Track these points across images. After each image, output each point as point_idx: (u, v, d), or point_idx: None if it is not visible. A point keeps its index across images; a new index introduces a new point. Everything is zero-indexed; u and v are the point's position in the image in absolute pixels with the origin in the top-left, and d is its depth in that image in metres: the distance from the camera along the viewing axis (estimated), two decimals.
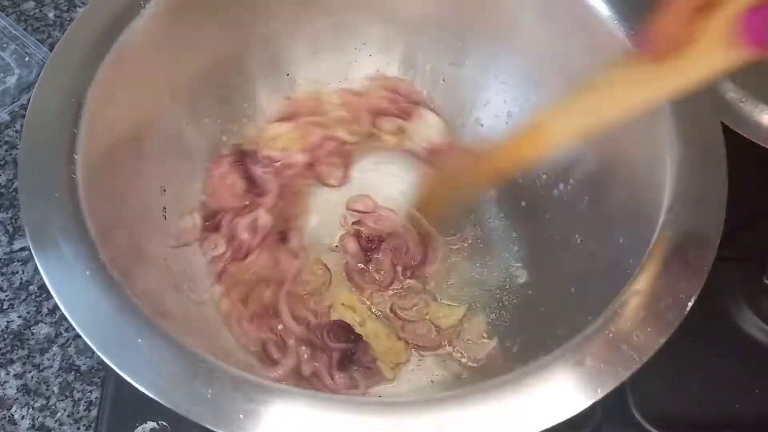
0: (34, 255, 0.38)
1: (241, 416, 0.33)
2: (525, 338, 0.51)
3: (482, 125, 0.62)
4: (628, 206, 0.47)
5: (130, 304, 0.37)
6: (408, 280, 0.56)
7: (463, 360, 0.52)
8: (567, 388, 0.34)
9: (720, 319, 0.55)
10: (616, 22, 0.48)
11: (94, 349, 0.35)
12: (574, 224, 0.53)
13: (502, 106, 0.60)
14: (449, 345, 0.53)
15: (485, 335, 0.53)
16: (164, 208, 0.51)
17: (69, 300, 0.37)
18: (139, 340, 0.35)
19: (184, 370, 0.34)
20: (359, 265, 0.56)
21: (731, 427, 0.52)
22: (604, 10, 0.49)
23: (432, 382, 0.51)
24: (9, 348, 0.55)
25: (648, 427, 0.50)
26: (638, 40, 0.34)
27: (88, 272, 0.37)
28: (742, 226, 0.57)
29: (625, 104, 0.38)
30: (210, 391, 0.33)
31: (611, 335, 0.36)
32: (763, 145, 0.52)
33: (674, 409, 0.52)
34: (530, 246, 0.57)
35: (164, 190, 0.51)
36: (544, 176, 0.57)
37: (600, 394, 0.34)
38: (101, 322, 0.36)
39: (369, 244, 0.57)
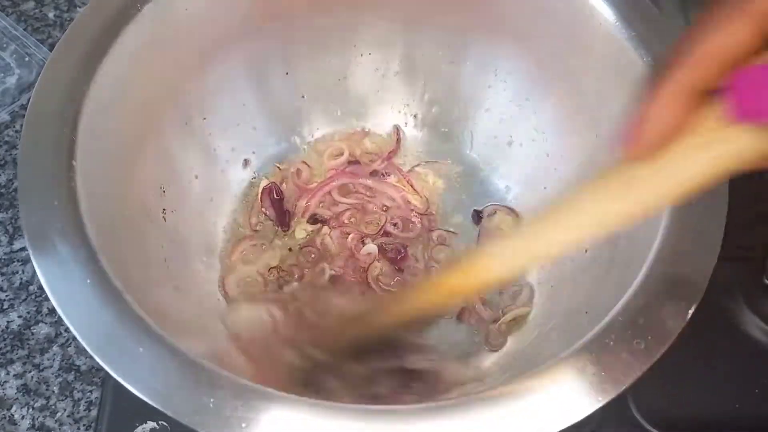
0: (32, 259, 0.37)
1: (243, 425, 0.33)
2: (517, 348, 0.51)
3: (483, 123, 0.62)
4: None
5: (130, 310, 0.36)
6: None
7: None
8: (568, 396, 0.34)
9: (720, 319, 0.55)
10: (616, 22, 0.48)
11: (93, 355, 0.35)
12: None
13: (503, 106, 0.60)
14: None
15: None
16: (164, 209, 0.51)
17: (67, 305, 0.36)
18: (141, 349, 0.35)
19: (186, 378, 0.34)
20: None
21: (731, 427, 0.51)
22: (604, 10, 0.48)
23: None
24: (9, 348, 0.55)
25: (648, 427, 0.50)
26: (622, 135, 0.26)
27: (88, 280, 0.37)
28: (742, 226, 0.56)
29: (598, 223, 0.31)
30: (212, 399, 0.33)
31: (612, 343, 0.36)
32: None
33: (674, 409, 0.52)
34: None
35: (164, 192, 0.51)
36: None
37: (601, 401, 0.34)
38: (101, 328, 0.36)
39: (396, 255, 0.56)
